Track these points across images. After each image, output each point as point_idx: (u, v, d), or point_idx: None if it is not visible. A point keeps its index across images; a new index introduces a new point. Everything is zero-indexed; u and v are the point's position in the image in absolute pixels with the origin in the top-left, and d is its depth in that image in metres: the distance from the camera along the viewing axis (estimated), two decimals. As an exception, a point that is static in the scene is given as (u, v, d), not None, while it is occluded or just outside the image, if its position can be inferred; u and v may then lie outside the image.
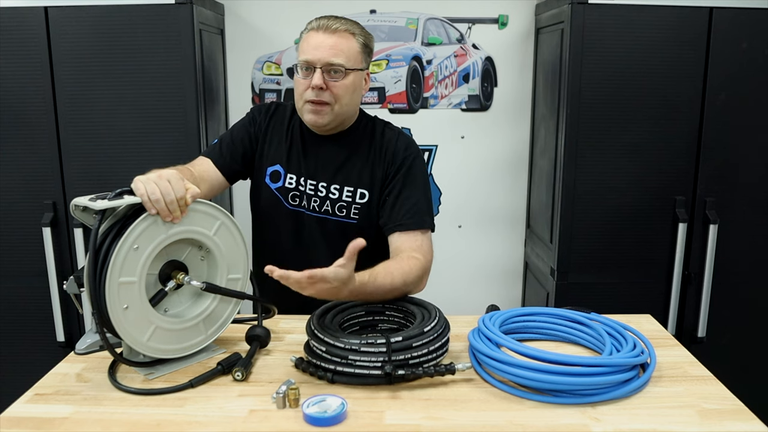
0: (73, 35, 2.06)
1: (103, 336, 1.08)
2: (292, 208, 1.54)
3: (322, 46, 1.42)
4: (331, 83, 1.43)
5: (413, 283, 1.34)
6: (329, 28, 1.43)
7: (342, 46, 1.43)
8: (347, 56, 1.44)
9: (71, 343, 2.18)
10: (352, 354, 1.10)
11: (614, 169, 2.16)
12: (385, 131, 1.55)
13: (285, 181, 1.53)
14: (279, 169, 1.54)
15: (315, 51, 1.42)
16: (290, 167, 1.53)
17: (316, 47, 1.43)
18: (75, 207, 1.11)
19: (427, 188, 1.52)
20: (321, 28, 1.44)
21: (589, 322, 1.26)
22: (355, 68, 1.45)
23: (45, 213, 2.13)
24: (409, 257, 1.38)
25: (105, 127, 2.11)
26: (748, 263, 2.25)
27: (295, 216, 1.54)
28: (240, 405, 1.05)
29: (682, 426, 0.99)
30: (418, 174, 1.51)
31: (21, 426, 1.00)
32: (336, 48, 1.43)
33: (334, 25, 1.44)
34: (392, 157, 1.50)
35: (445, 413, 1.02)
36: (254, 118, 1.58)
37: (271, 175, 1.54)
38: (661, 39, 2.09)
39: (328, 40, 1.43)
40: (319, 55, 1.42)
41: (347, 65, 1.44)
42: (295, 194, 1.53)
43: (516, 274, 2.78)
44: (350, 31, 1.46)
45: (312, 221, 1.53)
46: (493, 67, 2.60)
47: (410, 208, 1.46)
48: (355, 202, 1.50)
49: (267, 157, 1.55)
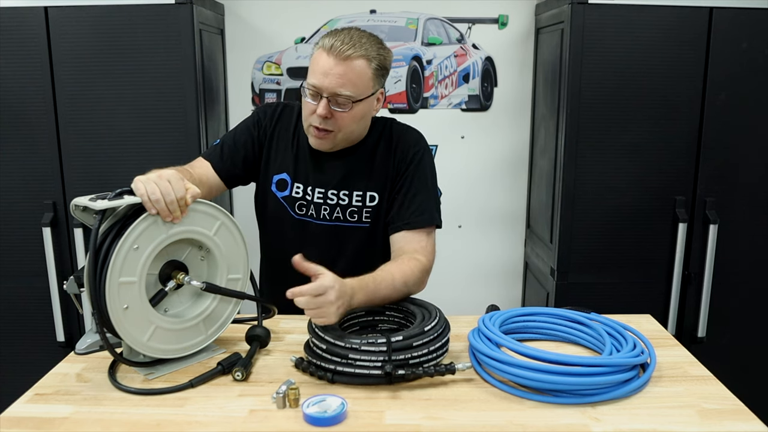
0: (73, 35, 2.06)
1: (103, 336, 1.08)
2: (298, 218, 1.51)
3: (331, 74, 1.34)
4: (336, 113, 1.37)
5: (414, 285, 1.34)
6: (341, 54, 1.33)
7: (351, 75, 1.34)
8: (356, 86, 1.36)
9: (71, 343, 2.18)
10: (353, 353, 1.10)
11: (614, 169, 2.16)
12: (393, 129, 1.52)
13: (292, 191, 1.50)
14: (286, 177, 1.50)
15: (323, 78, 1.34)
16: (297, 176, 1.50)
17: (325, 74, 1.34)
18: (75, 207, 1.11)
19: (434, 184, 1.50)
20: (333, 52, 1.33)
21: (589, 322, 1.26)
22: (364, 97, 1.38)
23: (45, 213, 2.13)
24: (411, 258, 1.37)
25: (105, 127, 2.11)
26: (748, 263, 2.25)
27: (301, 225, 1.51)
28: (240, 405, 1.05)
29: (682, 426, 0.99)
30: (427, 169, 1.48)
31: (21, 426, 1.00)
32: (345, 77, 1.34)
33: (347, 51, 1.33)
34: (402, 155, 1.48)
35: (445, 413, 1.02)
36: (259, 121, 1.52)
37: (277, 183, 1.51)
38: (661, 39, 2.09)
39: (338, 68, 1.33)
40: (327, 83, 1.34)
41: (355, 96, 1.36)
42: (302, 203, 1.50)
43: (516, 274, 2.78)
44: (366, 56, 1.35)
45: (318, 230, 1.50)
46: (493, 67, 2.60)
47: (418, 206, 1.44)
48: (365, 205, 1.48)
49: (273, 165, 1.51)
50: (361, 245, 1.50)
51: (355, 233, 1.50)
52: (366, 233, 1.49)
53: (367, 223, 1.49)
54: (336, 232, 1.50)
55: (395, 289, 1.30)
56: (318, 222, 1.50)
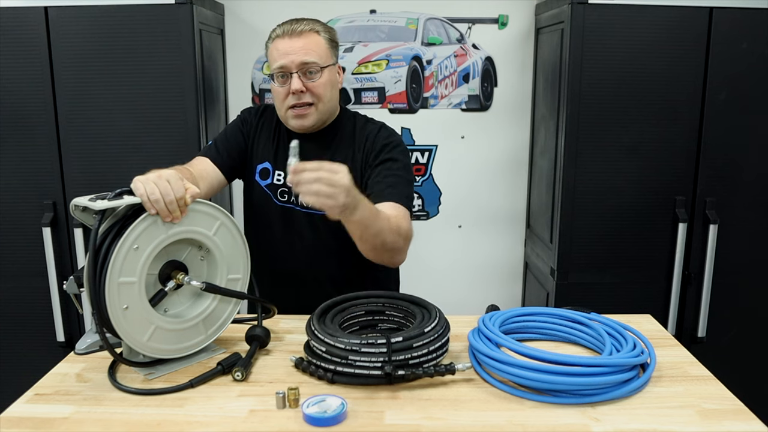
0: (73, 35, 2.06)
1: (102, 336, 1.08)
2: (281, 204, 1.56)
3: (293, 50, 1.44)
4: (310, 84, 1.46)
5: (403, 237, 1.34)
6: (294, 32, 1.45)
7: (311, 45, 1.46)
8: (318, 54, 1.46)
9: (71, 343, 2.18)
10: (352, 354, 1.10)
11: (614, 169, 2.16)
12: (366, 124, 1.57)
13: (273, 178, 1.56)
14: (268, 166, 1.57)
15: (287, 56, 1.45)
16: (278, 164, 1.56)
17: (286, 53, 1.45)
18: (75, 207, 1.11)
19: (409, 175, 1.51)
20: (286, 34, 1.46)
21: (589, 322, 1.26)
22: (328, 64, 1.48)
23: (45, 213, 2.13)
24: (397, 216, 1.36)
25: (105, 127, 2.11)
26: (748, 263, 2.25)
27: (284, 212, 1.56)
28: (240, 405, 1.05)
29: (682, 426, 0.99)
30: (400, 160, 1.50)
31: (21, 426, 1.00)
32: (306, 48, 1.45)
33: (298, 27, 1.46)
34: (372, 146, 1.51)
35: (445, 413, 1.02)
36: (245, 119, 1.62)
37: (260, 172, 1.57)
38: (661, 39, 2.09)
39: (297, 43, 1.45)
40: (292, 58, 1.44)
41: (321, 63, 1.46)
42: (284, 190, 1.55)
43: (516, 274, 2.78)
44: (314, 29, 1.48)
45: (301, 216, 1.55)
46: (493, 67, 2.60)
47: (390, 185, 1.44)
48: None
49: (256, 156, 1.58)
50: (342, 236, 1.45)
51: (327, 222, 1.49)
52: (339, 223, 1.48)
53: None
54: (314, 221, 1.53)
55: (390, 230, 1.30)
56: (299, 209, 1.54)
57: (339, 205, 1.14)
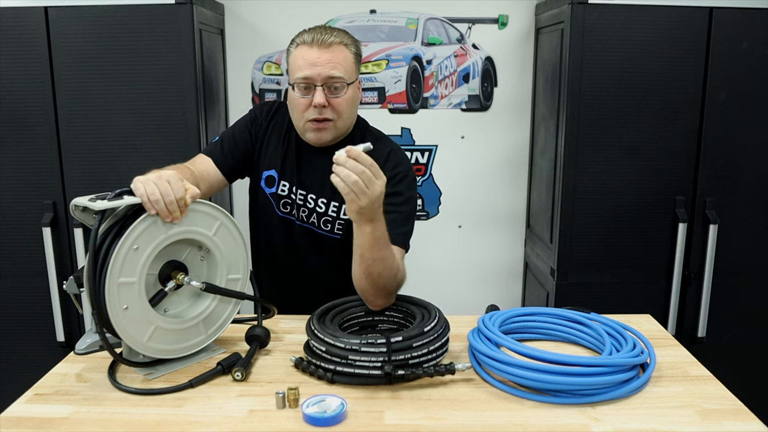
0: (73, 35, 2.06)
1: (102, 336, 1.08)
2: (282, 215, 1.53)
3: (320, 62, 1.38)
4: (333, 100, 1.40)
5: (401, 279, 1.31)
6: (324, 43, 1.38)
7: (339, 58, 1.39)
8: (345, 69, 1.40)
9: (71, 343, 2.18)
10: (352, 354, 1.10)
11: (614, 169, 2.16)
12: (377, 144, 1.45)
13: (278, 188, 1.52)
14: (274, 174, 1.53)
15: (313, 68, 1.38)
16: (284, 174, 1.52)
17: (313, 64, 1.38)
18: (75, 207, 1.11)
19: (411, 209, 1.46)
20: (315, 43, 1.38)
21: (588, 322, 1.26)
22: (352, 80, 1.43)
23: (45, 213, 2.13)
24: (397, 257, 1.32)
25: (105, 127, 2.11)
26: (748, 263, 2.25)
27: (284, 223, 1.53)
28: (240, 405, 1.05)
29: (682, 426, 0.99)
30: (404, 194, 1.44)
31: (21, 426, 1.00)
32: (334, 61, 1.38)
33: (328, 38, 1.39)
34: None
35: (445, 413, 1.02)
36: (255, 118, 1.56)
37: (266, 179, 1.54)
38: (661, 39, 2.09)
39: (325, 55, 1.38)
40: (318, 70, 1.38)
41: (347, 79, 1.40)
42: (287, 202, 1.52)
43: (516, 274, 2.78)
44: (344, 42, 1.41)
45: (301, 230, 1.52)
46: (493, 67, 2.60)
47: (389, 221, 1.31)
48: (339, 217, 1.49)
49: (264, 161, 1.54)
50: (338, 255, 1.46)
51: (328, 243, 1.50)
52: (337, 245, 1.49)
53: (339, 235, 1.49)
54: (313, 236, 1.51)
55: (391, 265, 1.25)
56: (299, 223, 1.52)
57: (361, 205, 1.14)
